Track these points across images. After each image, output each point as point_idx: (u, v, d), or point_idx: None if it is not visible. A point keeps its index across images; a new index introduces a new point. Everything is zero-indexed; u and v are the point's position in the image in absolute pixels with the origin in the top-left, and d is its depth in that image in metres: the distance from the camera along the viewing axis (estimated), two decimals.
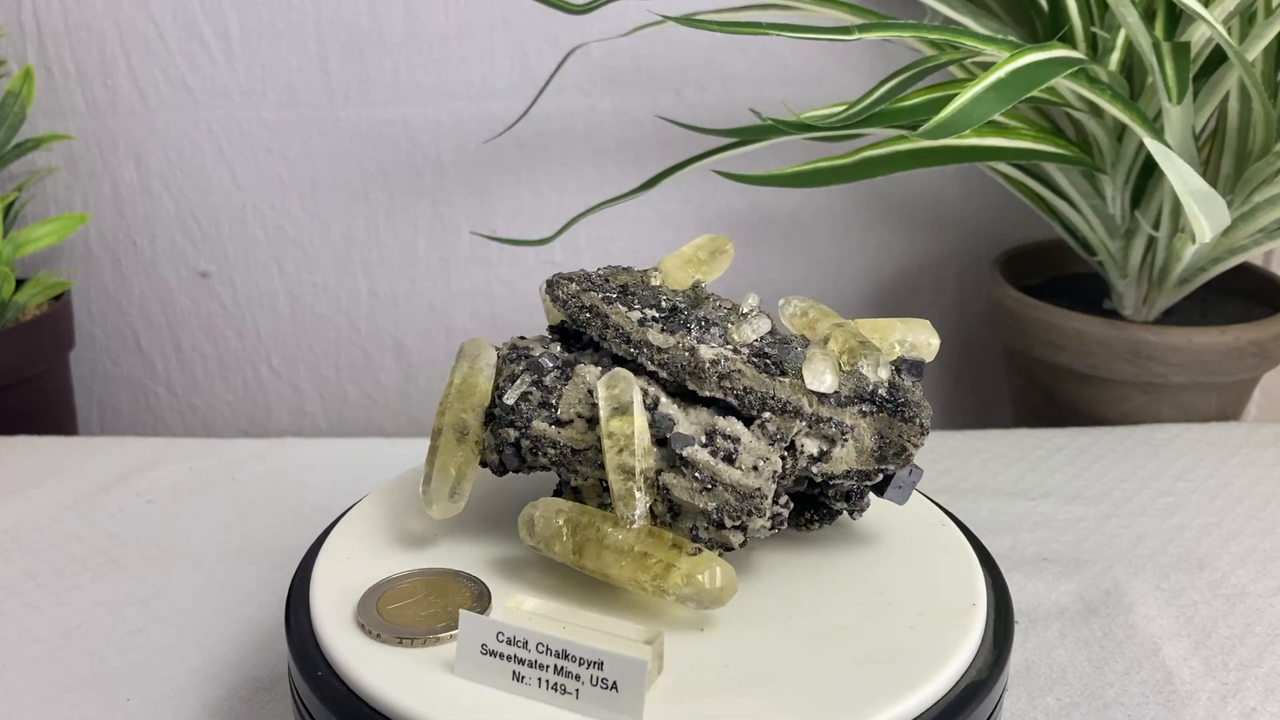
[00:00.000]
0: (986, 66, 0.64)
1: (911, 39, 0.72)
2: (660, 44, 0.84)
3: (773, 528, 0.39)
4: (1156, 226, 0.73)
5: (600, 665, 0.33)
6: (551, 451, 0.40)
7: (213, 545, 0.60)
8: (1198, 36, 0.66)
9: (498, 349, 0.43)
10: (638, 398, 0.39)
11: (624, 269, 0.45)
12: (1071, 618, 0.53)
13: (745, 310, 0.42)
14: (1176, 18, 0.67)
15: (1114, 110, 0.63)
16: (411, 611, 0.38)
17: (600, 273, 0.44)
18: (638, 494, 0.37)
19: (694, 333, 0.40)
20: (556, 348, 0.43)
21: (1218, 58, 0.68)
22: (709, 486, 0.37)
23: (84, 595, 0.55)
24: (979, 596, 0.39)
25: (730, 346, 0.40)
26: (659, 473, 0.38)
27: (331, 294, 0.91)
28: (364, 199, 0.89)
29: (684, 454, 0.38)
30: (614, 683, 0.33)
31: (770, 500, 0.38)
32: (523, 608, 0.36)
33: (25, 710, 0.47)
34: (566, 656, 0.33)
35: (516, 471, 0.42)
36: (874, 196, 0.90)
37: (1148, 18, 0.66)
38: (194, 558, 0.59)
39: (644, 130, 0.87)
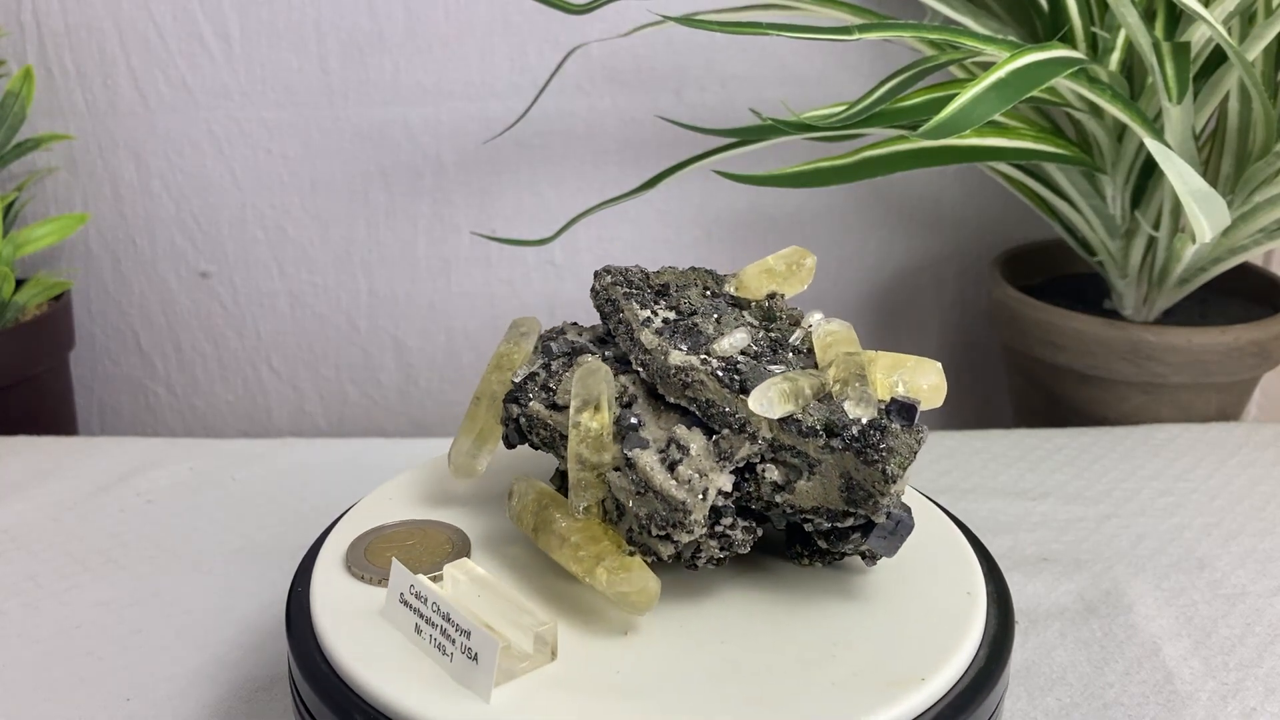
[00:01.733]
0: (986, 66, 0.64)
1: (911, 39, 0.72)
2: (660, 44, 0.84)
3: (722, 549, 0.38)
4: (1156, 226, 0.73)
5: (468, 635, 0.35)
6: (543, 432, 0.41)
7: (213, 545, 0.60)
8: (1198, 36, 0.66)
9: (544, 331, 0.45)
10: (607, 392, 0.39)
11: (698, 270, 0.44)
12: (1071, 618, 0.53)
13: (806, 325, 0.41)
14: (1177, 18, 0.67)
15: (1114, 110, 0.63)
16: (401, 556, 0.40)
17: (646, 270, 0.44)
18: (584, 487, 0.39)
19: (685, 339, 0.39)
20: (584, 337, 0.43)
21: (1218, 58, 0.68)
22: (641, 491, 0.37)
23: (84, 595, 0.55)
24: (979, 596, 0.39)
25: (700, 356, 0.39)
26: (615, 470, 0.38)
27: (331, 294, 0.91)
28: (364, 199, 0.89)
29: (629, 454, 0.37)
30: (476, 654, 0.34)
31: (700, 516, 0.36)
32: (464, 571, 0.38)
33: (25, 710, 0.47)
34: (448, 620, 0.35)
35: (514, 446, 0.43)
36: (874, 196, 0.90)
37: (1148, 18, 0.66)
38: (194, 558, 0.59)
39: (644, 130, 0.87)
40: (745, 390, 0.37)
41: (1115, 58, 0.69)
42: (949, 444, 0.70)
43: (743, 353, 0.39)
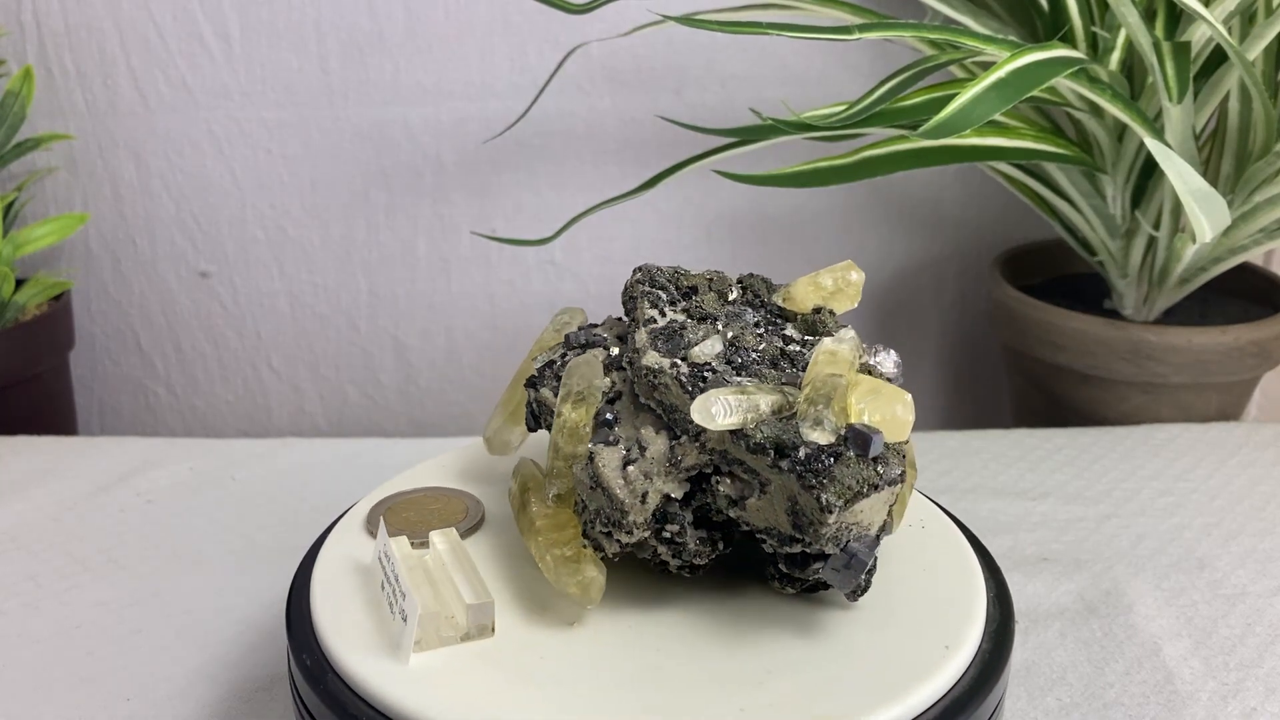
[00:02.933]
0: (987, 66, 0.64)
1: (912, 39, 0.72)
2: (660, 44, 0.84)
3: (677, 556, 0.38)
4: (1157, 226, 0.73)
5: (404, 598, 0.37)
6: (548, 418, 0.42)
7: (213, 545, 0.60)
8: (1198, 36, 0.66)
9: (586, 322, 0.45)
10: (594, 386, 0.39)
11: (754, 276, 0.44)
12: (1072, 618, 0.53)
13: (837, 338, 0.40)
14: (1177, 17, 0.67)
15: (1114, 110, 0.63)
16: (412, 517, 0.43)
17: (679, 271, 0.43)
18: (556, 475, 0.39)
19: (669, 342, 0.39)
20: (611, 331, 0.43)
21: (1218, 57, 0.68)
22: (593, 486, 0.37)
23: (84, 595, 0.55)
24: (979, 596, 0.39)
25: (673, 360, 0.38)
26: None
27: (331, 294, 0.91)
28: (364, 199, 0.89)
29: (591, 448, 0.38)
30: (405, 616, 0.36)
31: (639, 518, 0.36)
32: (445, 540, 0.40)
33: (25, 710, 0.47)
34: (396, 582, 0.38)
35: (534, 430, 0.44)
36: (874, 196, 0.90)
37: (1148, 17, 0.66)
38: (194, 558, 0.59)
39: (644, 130, 0.87)
40: None
41: (1115, 57, 0.69)
42: (949, 444, 0.70)
43: (729, 362, 0.38)
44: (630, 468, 0.37)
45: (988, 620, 0.39)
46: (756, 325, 0.41)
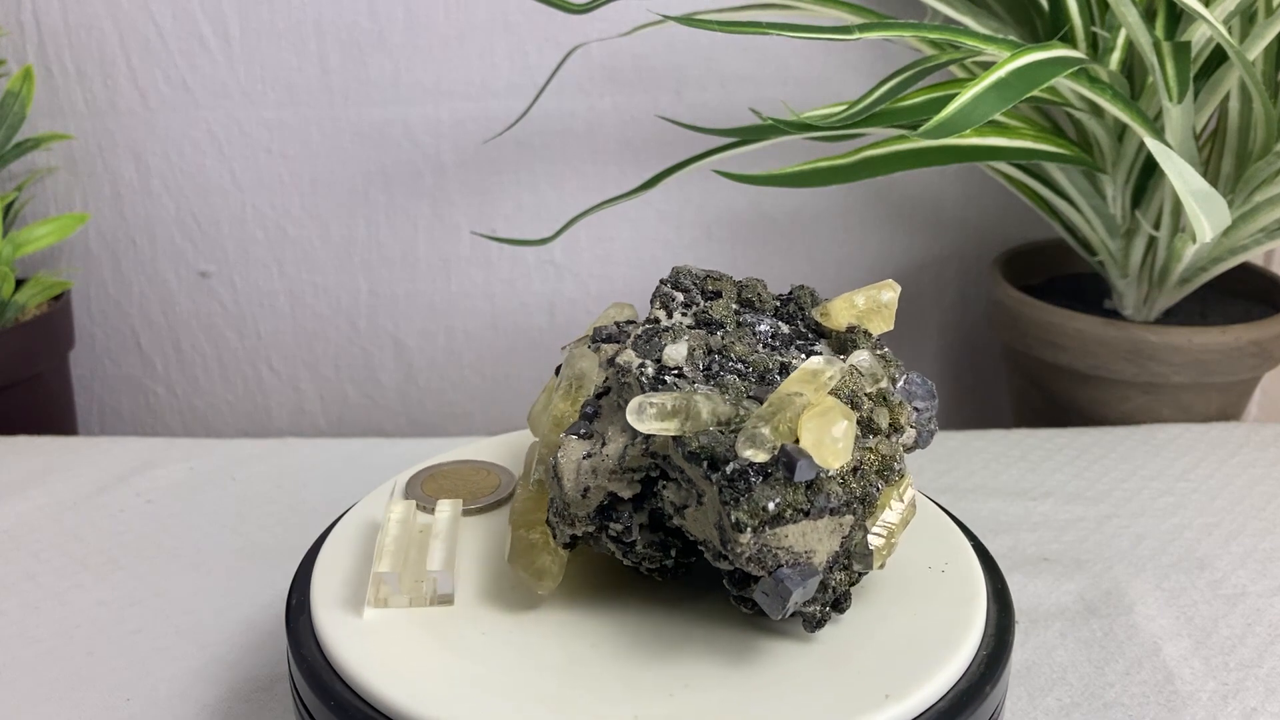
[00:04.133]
0: (987, 66, 0.64)
1: (912, 39, 0.72)
2: (660, 44, 0.84)
3: (625, 556, 0.38)
4: (1157, 226, 0.73)
5: (382, 561, 0.40)
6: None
7: (213, 545, 0.60)
8: (1198, 36, 0.66)
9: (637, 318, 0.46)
10: (590, 378, 0.40)
11: (804, 288, 0.42)
12: (1072, 618, 0.53)
13: (828, 359, 0.39)
14: (1177, 17, 0.67)
15: (1114, 110, 0.63)
16: (446, 485, 0.46)
17: (712, 274, 0.43)
18: (539, 461, 0.40)
19: (650, 341, 0.39)
20: (635, 328, 0.43)
21: (1218, 57, 0.68)
22: (552, 475, 0.37)
23: (84, 595, 0.55)
24: (979, 596, 0.39)
25: (642, 360, 0.38)
26: None
27: (331, 294, 0.91)
28: (364, 199, 0.89)
29: (562, 438, 0.38)
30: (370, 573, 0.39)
31: (579, 512, 0.37)
32: (449, 509, 0.43)
33: (25, 710, 0.47)
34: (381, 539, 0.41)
35: None
36: (874, 196, 0.90)
37: (1148, 17, 0.66)
38: (194, 558, 0.59)
39: (644, 130, 0.87)
40: None
41: (1115, 57, 0.69)
42: (949, 444, 0.70)
43: (706, 369, 0.38)
44: (585, 461, 0.37)
45: (988, 620, 0.39)
46: (773, 337, 0.40)
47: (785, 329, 0.41)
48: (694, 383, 0.37)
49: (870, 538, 0.36)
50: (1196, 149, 0.68)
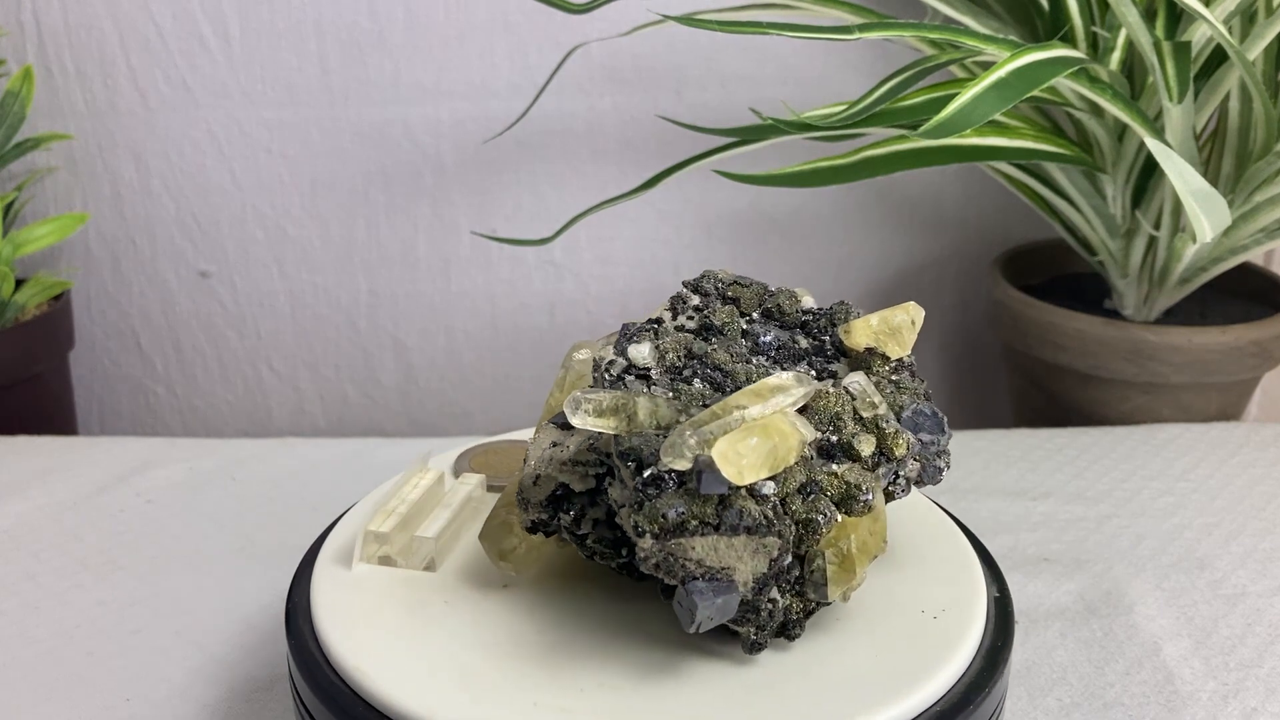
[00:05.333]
0: (987, 66, 0.64)
1: (912, 39, 0.72)
2: (660, 44, 0.84)
3: (580, 547, 0.38)
4: (1157, 226, 0.73)
5: (376, 519, 0.42)
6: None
7: (213, 545, 0.60)
8: (1198, 36, 0.66)
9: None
10: (586, 374, 0.41)
11: (842, 305, 0.41)
12: (1072, 618, 0.53)
13: (797, 377, 0.37)
14: (1177, 17, 0.67)
15: (1115, 110, 0.63)
16: (489, 460, 0.48)
17: (740, 280, 0.42)
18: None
19: (627, 340, 0.39)
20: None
21: (1218, 57, 0.68)
22: (523, 462, 0.38)
23: (84, 595, 0.55)
24: (979, 596, 0.39)
25: (609, 359, 0.38)
26: None
27: (331, 294, 0.91)
28: (364, 199, 0.89)
29: (541, 425, 0.39)
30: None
31: (532, 498, 0.37)
32: (468, 483, 0.44)
33: (25, 710, 0.47)
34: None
35: None
36: (874, 196, 0.90)
37: (1148, 17, 0.66)
38: (194, 558, 0.59)
39: (644, 130, 0.87)
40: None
41: (1116, 57, 0.69)
42: (950, 444, 0.70)
43: (676, 370, 0.38)
44: (549, 450, 0.37)
45: (988, 620, 0.39)
46: (778, 350, 0.39)
47: (804, 343, 0.40)
48: (653, 384, 0.37)
49: (828, 567, 0.35)
50: (1196, 149, 0.68)
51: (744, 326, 0.40)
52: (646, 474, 0.34)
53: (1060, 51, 0.58)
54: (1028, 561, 0.57)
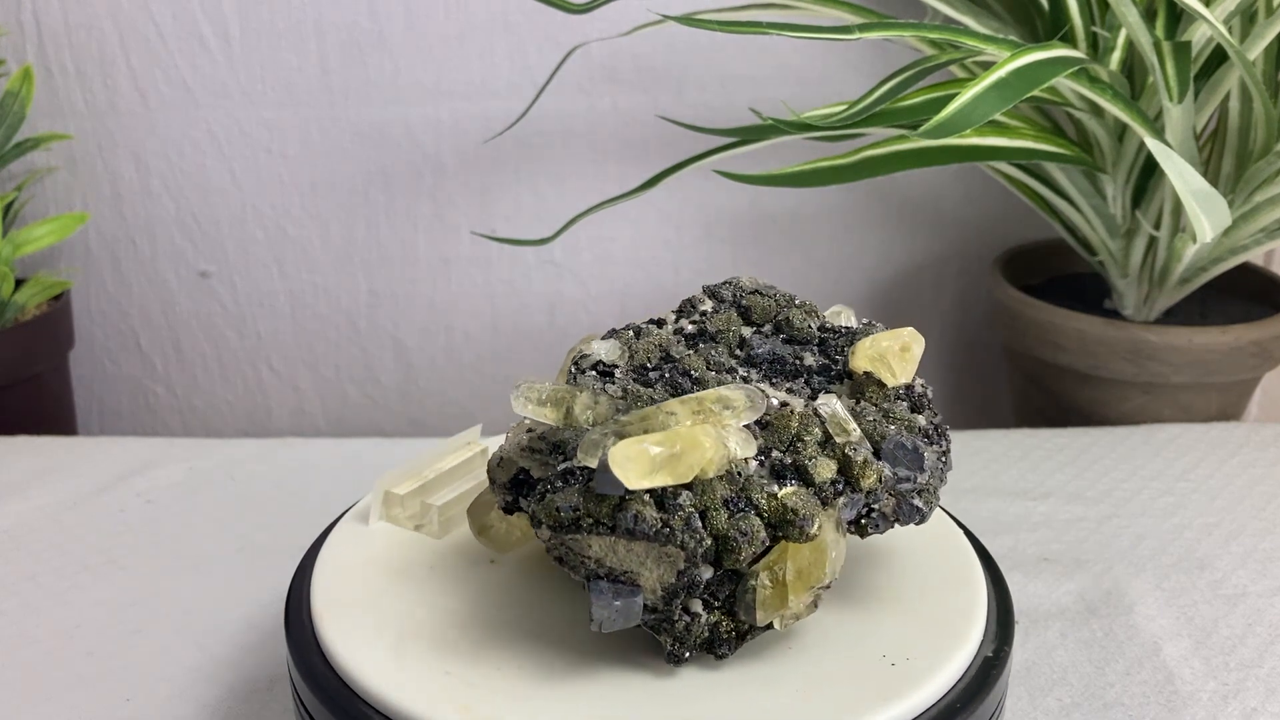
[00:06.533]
0: (987, 66, 0.64)
1: (912, 38, 0.72)
2: (660, 43, 0.84)
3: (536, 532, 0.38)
4: (1157, 226, 0.73)
5: (400, 483, 0.44)
6: None
7: (213, 545, 0.60)
8: (1198, 36, 0.66)
9: None
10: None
11: (869, 324, 0.40)
12: (1072, 618, 0.53)
13: (748, 393, 0.36)
14: (1177, 17, 0.67)
15: (1115, 110, 0.63)
16: None
17: (761, 289, 0.41)
18: None
19: (614, 339, 0.39)
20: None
21: (1218, 57, 0.68)
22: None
23: (84, 595, 0.55)
24: (979, 596, 0.39)
25: (580, 354, 0.39)
26: None
27: (331, 294, 0.91)
28: (364, 199, 0.89)
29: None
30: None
31: (495, 478, 0.38)
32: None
33: (25, 710, 0.47)
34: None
35: None
36: (874, 196, 0.90)
37: (1148, 17, 0.66)
38: (194, 558, 0.59)
39: (644, 130, 0.87)
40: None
41: (1116, 57, 0.69)
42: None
43: (641, 370, 0.38)
44: (525, 435, 0.37)
45: (988, 620, 0.39)
46: (771, 364, 0.38)
47: (809, 360, 0.39)
48: (611, 381, 0.37)
49: (760, 590, 0.34)
50: (1197, 149, 0.68)
51: (744, 336, 0.39)
52: (561, 467, 0.34)
53: (1060, 51, 0.58)
54: (1028, 561, 0.57)
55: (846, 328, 0.40)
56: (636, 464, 0.32)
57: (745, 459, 0.34)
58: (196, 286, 0.91)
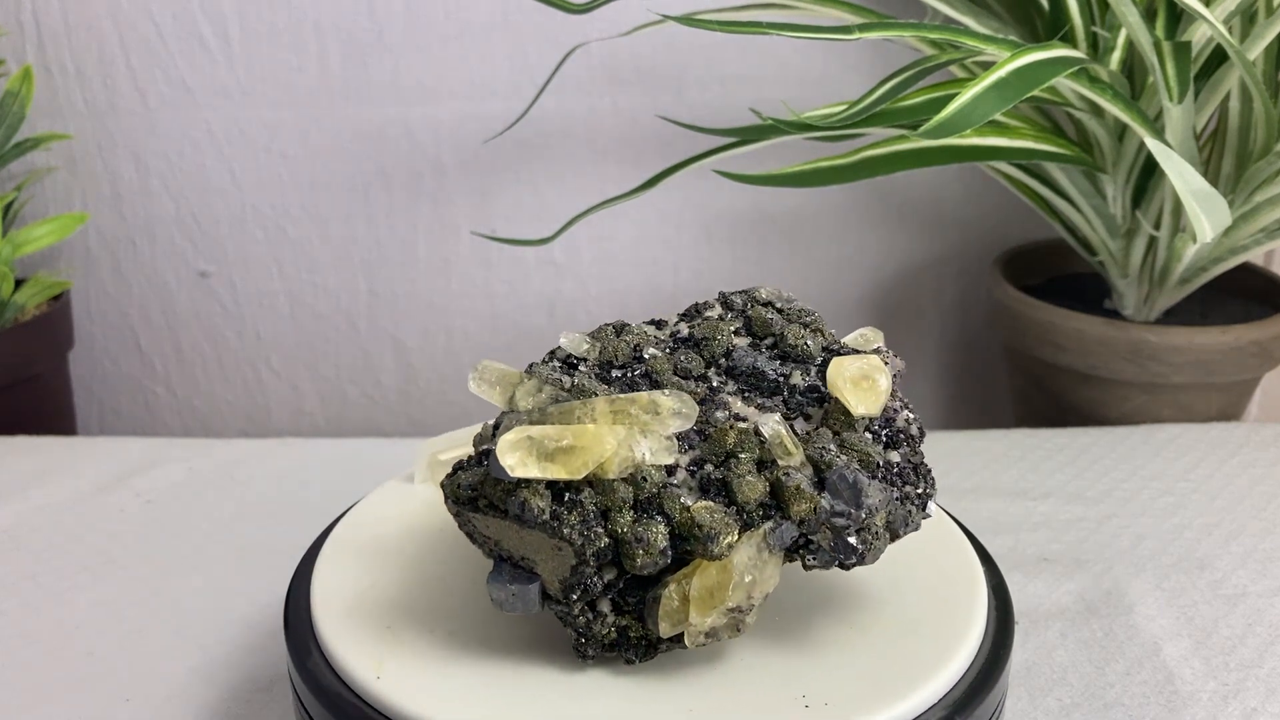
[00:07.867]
0: (987, 66, 0.64)
1: (912, 38, 0.72)
2: (660, 44, 0.84)
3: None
4: (1157, 226, 0.73)
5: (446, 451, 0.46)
6: None
7: (213, 545, 0.60)
8: (1199, 36, 0.66)
9: None
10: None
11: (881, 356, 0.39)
12: (1072, 618, 0.53)
13: (680, 400, 0.35)
14: (1177, 17, 0.67)
15: (1115, 110, 0.63)
16: None
17: (774, 299, 0.40)
18: None
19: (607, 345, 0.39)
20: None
21: (1219, 57, 0.68)
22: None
23: (84, 595, 0.55)
24: (979, 596, 0.39)
25: (557, 345, 0.40)
26: None
27: (331, 294, 0.91)
28: (364, 199, 0.89)
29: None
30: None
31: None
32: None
33: (25, 710, 0.47)
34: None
35: None
36: (874, 196, 0.90)
37: (1148, 17, 0.66)
38: (194, 558, 0.59)
39: (644, 130, 0.87)
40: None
41: (1116, 57, 0.69)
42: (950, 444, 0.70)
43: (604, 367, 0.38)
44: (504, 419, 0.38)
45: (988, 620, 0.39)
46: (750, 377, 0.37)
47: (797, 379, 0.37)
48: (565, 375, 0.37)
49: (665, 600, 0.33)
50: (1197, 149, 0.68)
51: (732, 346, 0.38)
52: (482, 448, 0.35)
53: (1060, 51, 0.58)
54: (1028, 561, 0.57)
55: (853, 351, 0.38)
56: (515, 450, 0.32)
57: (659, 466, 0.34)
58: (196, 286, 0.91)
